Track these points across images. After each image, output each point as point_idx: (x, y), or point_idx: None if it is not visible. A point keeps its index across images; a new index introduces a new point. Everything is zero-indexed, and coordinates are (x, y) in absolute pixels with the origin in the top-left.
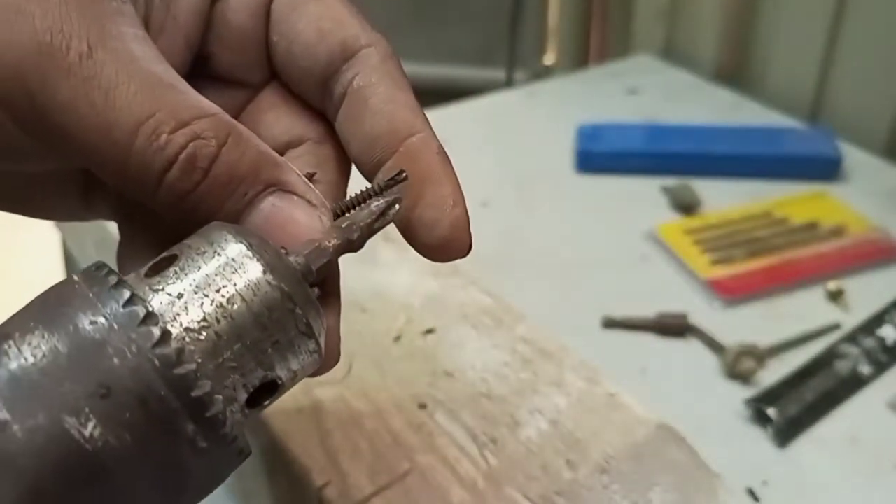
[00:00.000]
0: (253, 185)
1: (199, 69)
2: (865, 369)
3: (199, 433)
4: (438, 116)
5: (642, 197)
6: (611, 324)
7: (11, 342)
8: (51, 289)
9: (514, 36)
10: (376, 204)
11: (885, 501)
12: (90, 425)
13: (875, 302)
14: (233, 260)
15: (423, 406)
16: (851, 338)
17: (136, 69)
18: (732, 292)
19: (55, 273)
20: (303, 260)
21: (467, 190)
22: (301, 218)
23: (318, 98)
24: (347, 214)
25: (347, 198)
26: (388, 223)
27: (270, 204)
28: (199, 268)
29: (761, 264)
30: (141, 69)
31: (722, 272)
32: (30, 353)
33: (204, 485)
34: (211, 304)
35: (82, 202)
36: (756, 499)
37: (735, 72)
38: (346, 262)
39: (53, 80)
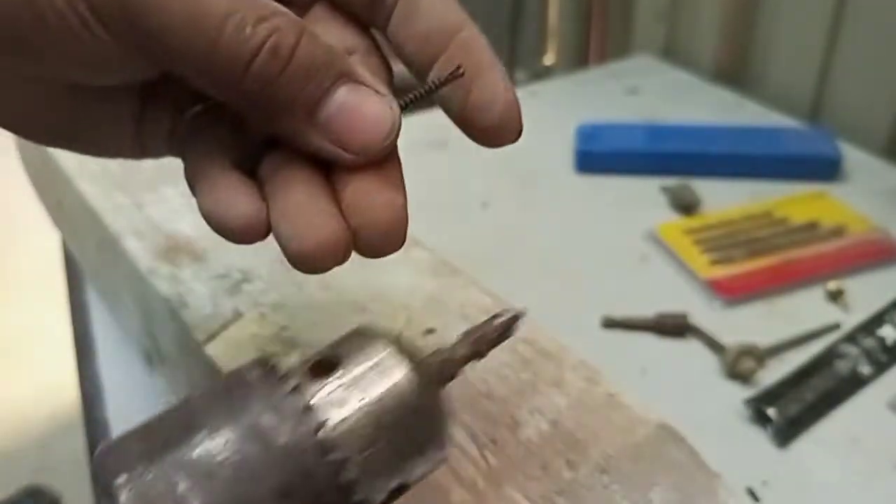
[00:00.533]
0: (329, 73)
1: None
2: (865, 369)
3: None
4: (439, 116)
5: (642, 197)
6: (610, 324)
7: (201, 435)
8: (232, 383)
9: (513, 36)
10: (500, 320)
11: (886, 501)
12: None
13: (875, 302)
14: (387, 369)
15: None
16: (851, 338)
17: None
18: (732, 292)
19: (55, 273)
20: (436, 369)
21: (467, 190)
22: (374, 105)
23: (367, 9)
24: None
25: (406, 97)
26: (511, 336)
27: (345, 92)
28: (357, 375)
29: (761, 264)
30: None
31: (722, 272)
32: (218, 448)
33: None
34: (368, 411)
35: (134, 137)
36: (756, 499)
37: (735, 72)
38: (347, 262)
39: None
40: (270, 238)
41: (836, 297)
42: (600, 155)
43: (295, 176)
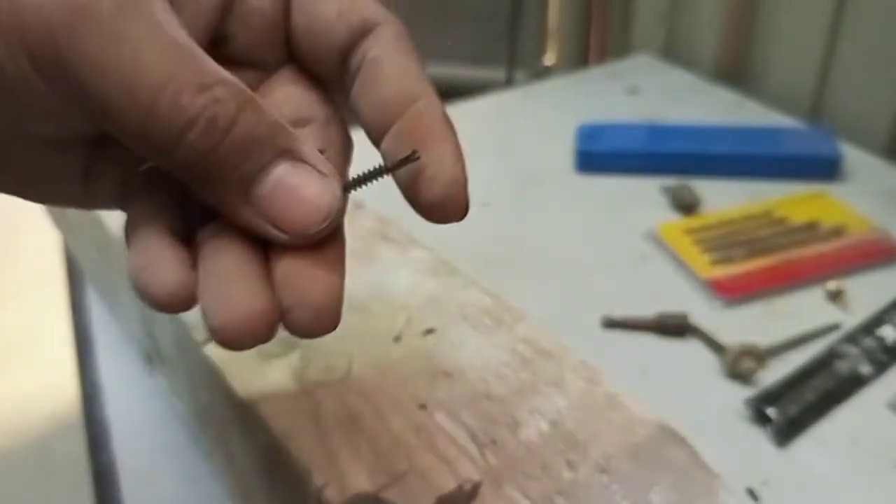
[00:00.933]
0: (268, 150)
1: (214, 50)
2: (865, 369)
3: None
4: None
5: (642, 197)
6: (610, 324)
7: None
8: None
9: (513, 36)
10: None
11: (886, 501)
12: None
13: (875, 302)
14: None
15: (422, 406)
16: (851, 338)
17: (163, 33)
18: (732, 292)
19: (55, 273)
20: None
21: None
22: (313, 185)
23: (334, 74)
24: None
25: (357, 174)
26: None
27: (284, 170)
28: None
29: (761, 264)
30: (167, 34)
31: (722, 272)
32: None
33: None
34: None
35: (83, 187)
36: (756, 499)
37: (735, 72)
38: (347, 263)
39: (84, 35)
40: None
41: (835, 297)
42: (600, 155)
43: (228, 245)
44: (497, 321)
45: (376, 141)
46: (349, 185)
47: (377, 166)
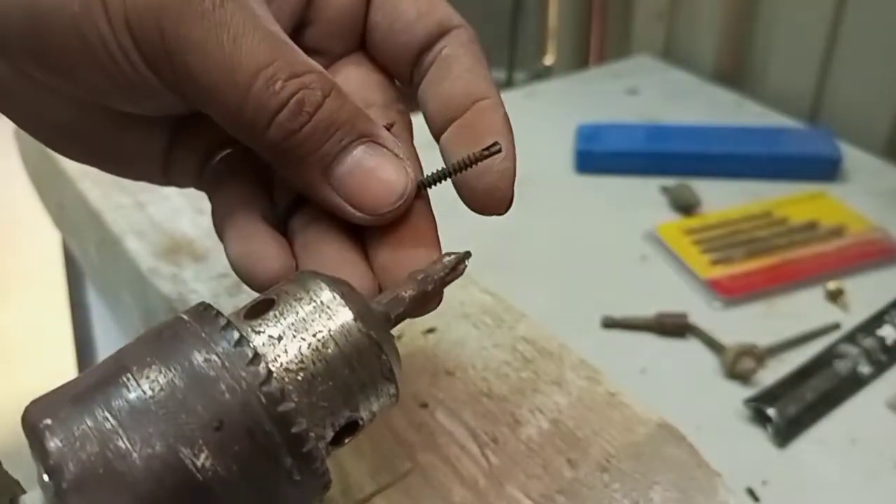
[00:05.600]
0: (349, 133)
1: (292, 36)
2: (865, 369)
3: (295, 466)
4: None
5: (642, 197)
6: (611, 324)
7: (129, 375)
8: (163, 325)
9: (513, 36)
10: (448, 259)
11: (885, 501)
12: (202, 456)
13: (875, 302)
14: (327, 307)
15: (424, 405)
16: (851, 338)
17: (259, 24)
18: (732, 292)
19: (56, 273)
20: (383, 308)
21: None
22: (389, 167)
23: (405, 68)
24: (421, 268)
25: (435, 170)
26: (459, 276)
27: (362, 151)
28: (296, 313)
29: (761, 264)
30: (262, 25)
31: (721, 272)
32: (148, 386)
33: None
34: (307, 347)
35: (163, 167)
36: (756, 498)
37: (734, 72)
38: None
39: (189, 21)
40: None
41: (835, 296)
42: (600, 155)
43: (326, 233)
44: (498, 320)
45: (438, 131)
46: (424, 184)
47: (460, 160)
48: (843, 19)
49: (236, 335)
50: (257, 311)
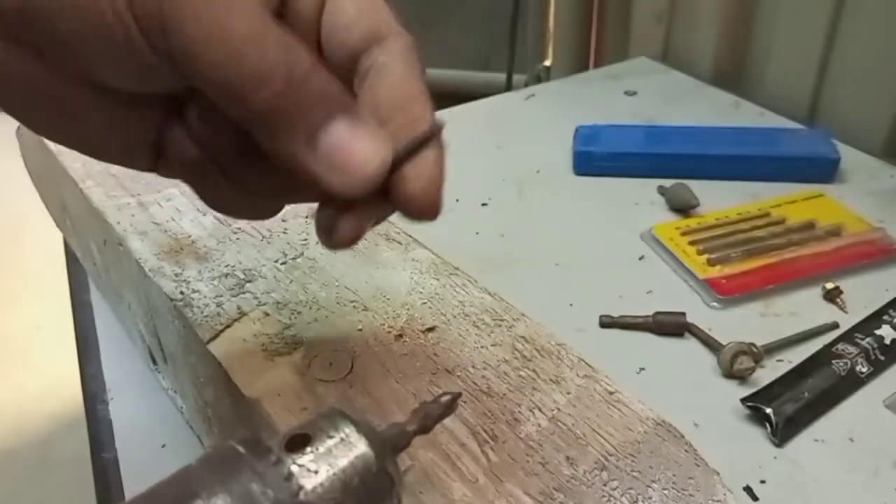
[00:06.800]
0: (335, 104)
1: None
2: (863, 368)
3: None
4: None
5: (640, 198)
6: (609, 323)
7: (202, 501)
8: (222, 454)
9: (513, 38)
10: (444, 398)
11: (883, 501)
12: None
13: (873, 302)
14: (351, 443)
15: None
16: (849, 337)
17: (251, 2)
18: (730, 292)
19: (58, 273)
20: (393, 441)
21: (468, 190)
22: (369, 140)
23: (347, 73)
24: (420, 406)
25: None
26: (452, 413)
27: (346, 122)
28: (328, 449)
29: (759, 264)
30: (254, 3)
31: (719, 272)
32: None
33: None
34: (338, 480)
35: (151, 154)
36: (754, 497)
37: (733, 74)
38: (349, 262)
39: None
40: (272, 238)
41: (833, 296)
42: (599, 156)
43: None
44: (497, 320)
45: None
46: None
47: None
48: (841, 21)
49: (286, 471)
50: (295, 444)
